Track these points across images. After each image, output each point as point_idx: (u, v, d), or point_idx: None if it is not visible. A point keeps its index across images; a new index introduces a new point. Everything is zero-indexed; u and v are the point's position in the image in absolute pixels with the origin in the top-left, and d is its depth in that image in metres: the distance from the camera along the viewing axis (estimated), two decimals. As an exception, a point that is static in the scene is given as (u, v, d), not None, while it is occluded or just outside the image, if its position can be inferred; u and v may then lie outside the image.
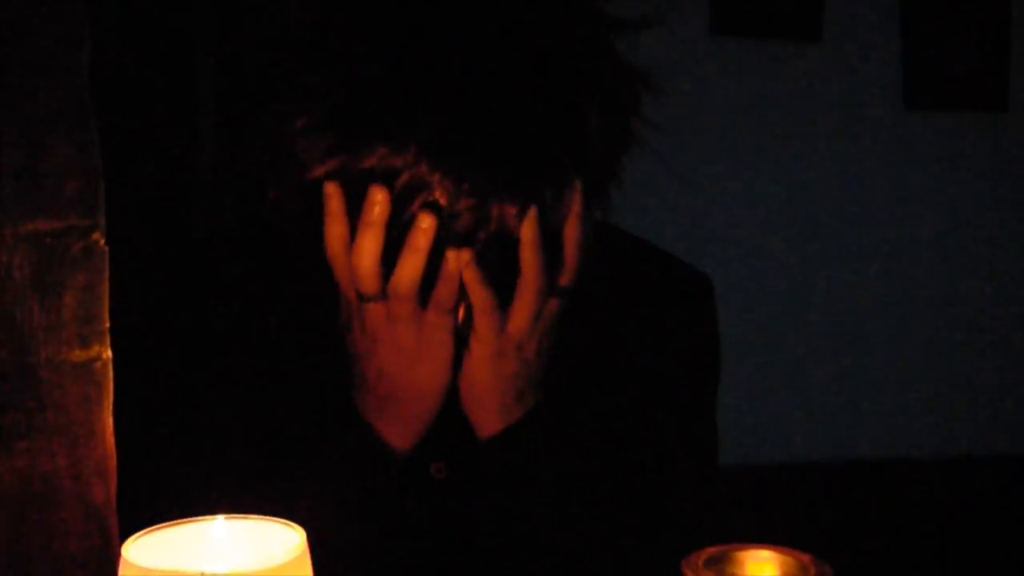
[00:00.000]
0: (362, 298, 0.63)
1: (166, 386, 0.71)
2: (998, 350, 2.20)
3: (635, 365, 0.72)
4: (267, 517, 0.50)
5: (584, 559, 0.68)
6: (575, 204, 0.62)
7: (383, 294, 0.62)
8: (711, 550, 0.49)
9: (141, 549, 0.47)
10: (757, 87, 2.06)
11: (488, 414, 0.66)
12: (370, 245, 0.61)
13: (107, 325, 0.52)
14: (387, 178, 0.59)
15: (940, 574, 1.85)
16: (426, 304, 0.63)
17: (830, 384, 2.14)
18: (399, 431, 0.66)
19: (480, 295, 0.62)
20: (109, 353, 0.52)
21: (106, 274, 0.51)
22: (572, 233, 0.63)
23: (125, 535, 0.48)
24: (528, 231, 0.61)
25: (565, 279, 0.64)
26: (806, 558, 0.47)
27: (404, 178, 0.59)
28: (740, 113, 2.06)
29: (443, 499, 0.69)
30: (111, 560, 0.49)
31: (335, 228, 0.62)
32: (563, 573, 0.68)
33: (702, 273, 0.77)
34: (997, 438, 2.17)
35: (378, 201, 0.60)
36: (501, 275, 0.62)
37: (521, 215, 0.60)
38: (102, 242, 0.51)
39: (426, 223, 0.59)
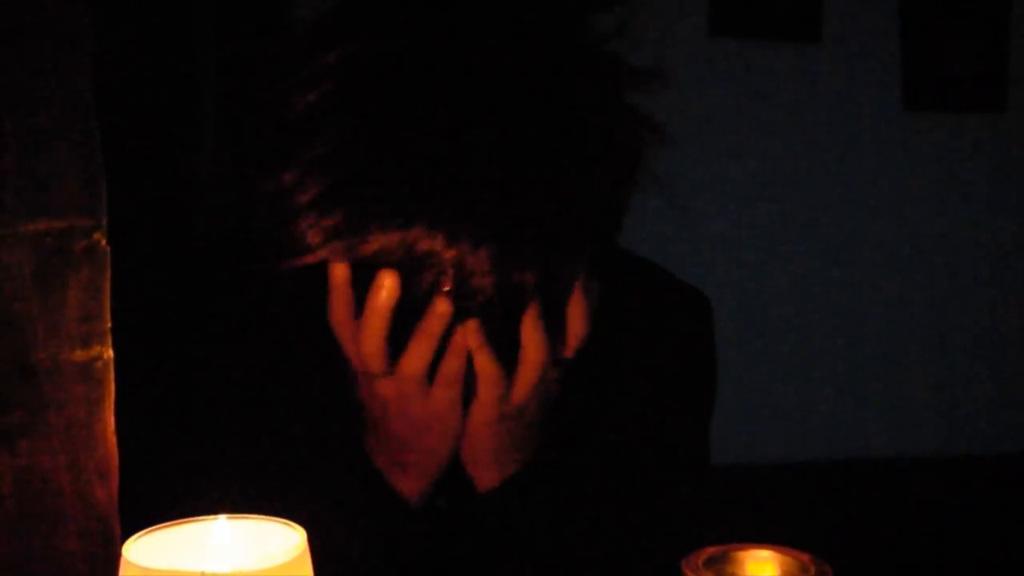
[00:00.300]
0: (369, 375, 0.63)
1: (169, 386, 0.71)
2: (998, 350, 2.20)
3: (630, 387, 0.72)
4: (268, 517, 0.50)
5: (582, 569, 0.68)
6: (579, 279, 0.62)
7: (391, 371, 0.62)
8: (711, 550, 0.49)
9: (142, 549, 0.47)
10: (756, 88, 2.06)
11: (485, 471, 0.67)
12: (377, 329, 0.60)
13: (109, 325, 0.52)
14: (395, 257, 0.58)
15: (940, 573, 1.85)
16: (432, 378, 0.63)
17: (830, 383, 2.15)
18: (410, 485, 0.67)
19: (486, 367, 0.62)
20: (111, 353, 0.52)
21: (108, 274, 0.51)
22: (577, 309, 0.63)
23: (127, 535, 0.48)
24: (530, 310, 0.61)
25: (569, 353, 0.64)
26: (806, 557, 0.47)
27: (416, 254, 0.58)
28: (739, 114, 2.07)
29: (447, 531, 0.69)
30: (112, 560, 0.49)
31: (339, 301, 0.62)
32: None
33: (700, 293, 0.77)
34: (997, 437, 2.17)
35: (386, 286, 0.59)
36: (505, 345, 0.62)
37: (533, 283, 0.60)
38: (104, 242, 0.51)
39: (441, 309, 0.59)
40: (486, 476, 0.67)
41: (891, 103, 2.12)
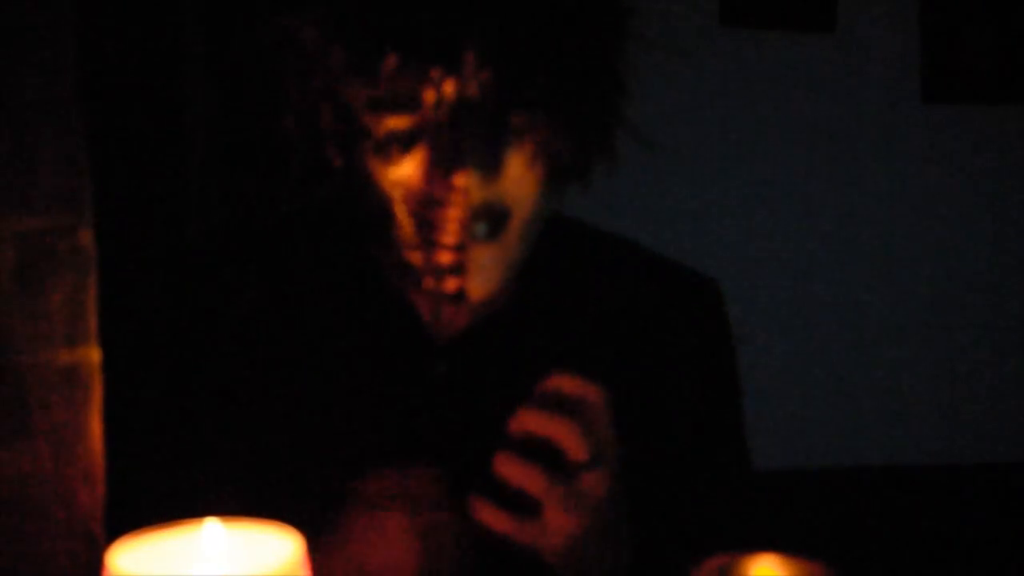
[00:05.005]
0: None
1: (159, 387, 0.70)
2: (1009, 354, 2.15)
3: (652, 392, 0.68)
4: (263, 521, 0.49)
5: None
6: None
7: None
8: (719, 559, 0.47)
9: (127, 555, 0.46)
10: (768, 80, 2.03)
11: None
12: None
13: (95, 326, 0.50)
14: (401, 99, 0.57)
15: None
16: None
17: (833, 389, 2.11)
18: None
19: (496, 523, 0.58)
20: (97, 355, 0.51)
21: (93, 273, 0.50)
22: (561, 427, 0.57)
23: (115, 541, 0.47)
24: (499, 456, 0.57)
25: (578, 454, 0.57)
26: (815, 567, 0.45)
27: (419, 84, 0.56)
28: (751, 106, 2.04)
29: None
30: (98, 567, 0.48)
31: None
32: None
33: (709, 279, 0.73)
34: (1003, 445, 2.13)
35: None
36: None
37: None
38: (88, 240, 0.50)
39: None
40: None
41: (909, 95, 2.08)
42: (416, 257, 0.61)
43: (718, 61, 2.00)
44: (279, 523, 0.48)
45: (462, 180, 0.58)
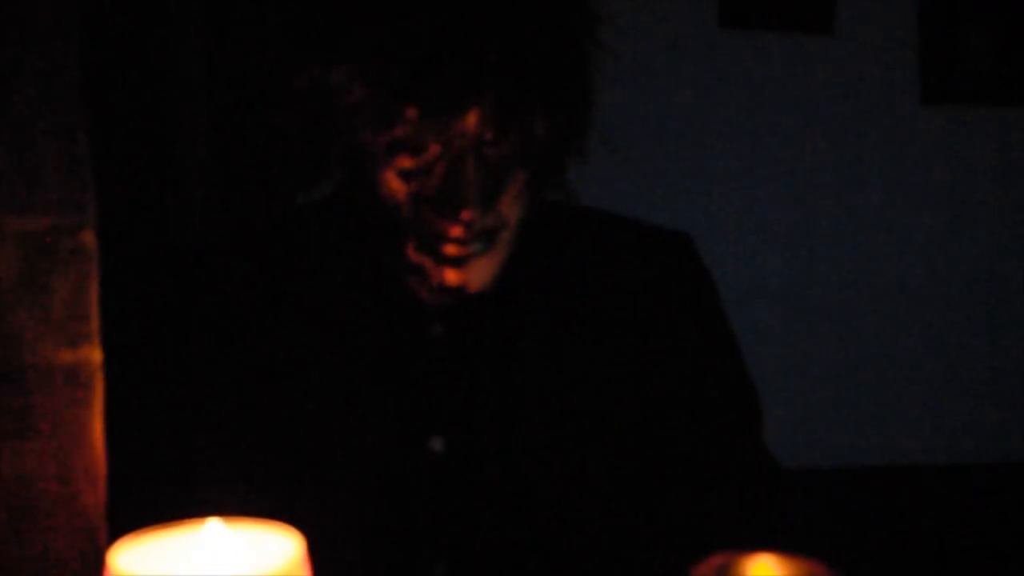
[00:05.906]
0: None
1: (161, 387, 0.71)
2: (1011, 353, 2.15)
3: (645, 340, 0.71)
4: (264, 521, 0.49)
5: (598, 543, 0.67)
6: None
7: None
8: (718, 559, 0.47)
9: (128, 555, 0.46)
10: (767, 82, 2.03)
11: None
12: None
13: (97, 326, 0.50)
14: (353, 99, 0.60)
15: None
16: None
17: (834, 387, 2.11)
18: None
19: None
20: (99, 355, 0.51)
21: (95, 274, 0.50)
22: None
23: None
24: None
25: None
26: (816, 568, 0.45)
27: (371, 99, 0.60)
28: (748, 108, 2.04)
29: (443, 475, 0.68)
30: (99, 567, 0.48)
31: None
32: (571, 550, 0.67)
33: (678, 233, 0.76)
34: (1009, 445, 2.13)
35: None
36: None
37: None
38: (91, 241, 0.50)
39: None
40: None
41: (908, 97, 2.08)
42: (419, 259, 0.64)
43: (718, 62, 2.00)
44: (279, 522, 0.49)
45: (467, 215, 0.63)
